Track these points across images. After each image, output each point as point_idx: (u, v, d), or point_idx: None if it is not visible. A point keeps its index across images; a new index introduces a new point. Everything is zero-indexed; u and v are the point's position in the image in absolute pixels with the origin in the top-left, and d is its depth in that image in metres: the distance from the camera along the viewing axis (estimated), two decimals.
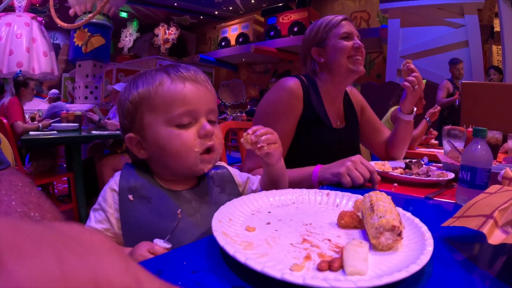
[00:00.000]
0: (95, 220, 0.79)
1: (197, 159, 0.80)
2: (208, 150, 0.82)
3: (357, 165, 1.09)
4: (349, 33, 1.45)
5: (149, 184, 0.81)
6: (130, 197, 0.78)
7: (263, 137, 0.84)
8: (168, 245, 0.68)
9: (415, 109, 1.60)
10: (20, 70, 4.55)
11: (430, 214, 0.91)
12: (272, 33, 10.50)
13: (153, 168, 0.85)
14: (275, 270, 0.44)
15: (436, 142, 3.26)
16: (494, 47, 7.20)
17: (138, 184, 0.80)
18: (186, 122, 0.79)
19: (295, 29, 9.93)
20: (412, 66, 1.48)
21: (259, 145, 0.84)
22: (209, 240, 0.59)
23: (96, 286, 0.18)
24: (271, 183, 0.95)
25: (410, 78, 1.48)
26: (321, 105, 1.48)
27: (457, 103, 4.63)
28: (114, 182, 0.80)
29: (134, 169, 0.84)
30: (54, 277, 0.17)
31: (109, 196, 0.79)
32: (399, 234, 0.54)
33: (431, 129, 3.18)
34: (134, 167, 0.85)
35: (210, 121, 0.83)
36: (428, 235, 0.56)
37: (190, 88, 0.80)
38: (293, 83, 1.42)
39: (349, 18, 1.51)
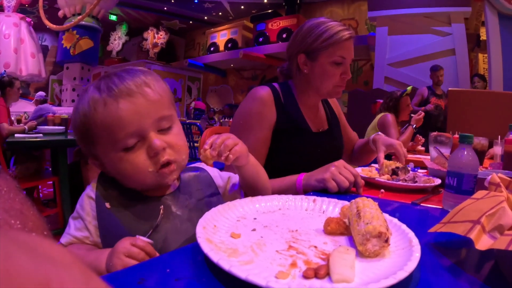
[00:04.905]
0: (74, 228, 0.77)
1: (154, 176, 0.75)
2: (165, 164, 0.75)
3: (340, 169, 1.09)
4: (345, 58, 1.37)
5: (126, 191, 0.79)
6: (107, 204, 0.76)
7: (222, 147, 0.79)
8: (150, 241, 0.67)
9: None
10: (5, 71, 4.48)
11: (417, 219, 0.91)
12: (261, 39, 10.53)
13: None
14: (260, 278, 0.43)
15: (423, 148, 3.29)
16: (480, 55, 7.34)
17: (114, 191, 0.78)
18: (133, 144, 0.72)
19: (284, 35, 9.97)
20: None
21: (223, 157, 0.79)
22: (193, 247, 0.57)
23: None
24: (249, 183, 0.93)
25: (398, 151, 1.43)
26: (298, 111, 1.46)
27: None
28: (90, 190, 0.78)
29: (110, 176, 0.81)
30: None
31: (86, 203, 0.77)
32: (386, 241, 0.53)
33: (418, 135, 3.22)
34: None
35: (162, 130, 0.76)
36: (415, 241, 0.56)
37: (124, 107, 0.71)
38: (263, 92, 1.40)
39: (354, 37, 1.40)
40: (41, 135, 3.46)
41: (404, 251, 0.54)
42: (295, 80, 1.51)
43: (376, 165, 1.50)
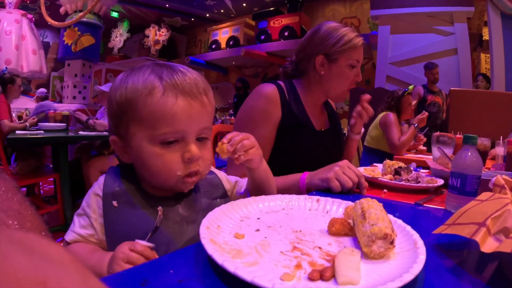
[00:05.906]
0: (79, 225, 0.76)
1: (178, 181, 0.75)
2: (192, 174, 0.76)
3: (344, 169, 1.10)
4: (359, 61, 1.46)
5: (134, 190, 0.79)
6: (115, 203, 0.75)
7: (239, 145, 0.80)
8: (150, 244, 0.66)
9: (362, 129, 1.67)
10: (6, 67, 4.48)
11: (420, 220, 0.91)
12: (262, 37, 10.49)
13: (137, 172, 0.81)
14: (266, 280, 0.42)
15: (425, 148, 3.29)
16: (483, 55, 7.32)
17: (122, 189, 0.78)
18: (172, 140, 0.73)
19: (286, 33, 9.94)
20: (365, 103, 1.58)
21: (236, 155, 0.80)
22: (197, 247, 0.57)
23: None
24: (257, 187, 0.93)
25: (358, 108, 1.59)
26: (302, 109, 1.46)
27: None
28: (98, 187, 0.78)
29: (119, 174, 0.81)
30: None
31: (93, 201, 0.77)
32: (392, 243, 0.53)
33: (419, 134, 3.21)
34: (119, 171, 0.82)
35: (201, 138, 0.78)
36: (420, 243, 0.55)
37: (182, 105, 0.72)
38: (269, 89, 1.41)
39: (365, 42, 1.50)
40: (42, 131, 3.46)
41: (409, 253, 0.54)
42: (306, 79, 1.51)
43: (379, 165, 1.49)
